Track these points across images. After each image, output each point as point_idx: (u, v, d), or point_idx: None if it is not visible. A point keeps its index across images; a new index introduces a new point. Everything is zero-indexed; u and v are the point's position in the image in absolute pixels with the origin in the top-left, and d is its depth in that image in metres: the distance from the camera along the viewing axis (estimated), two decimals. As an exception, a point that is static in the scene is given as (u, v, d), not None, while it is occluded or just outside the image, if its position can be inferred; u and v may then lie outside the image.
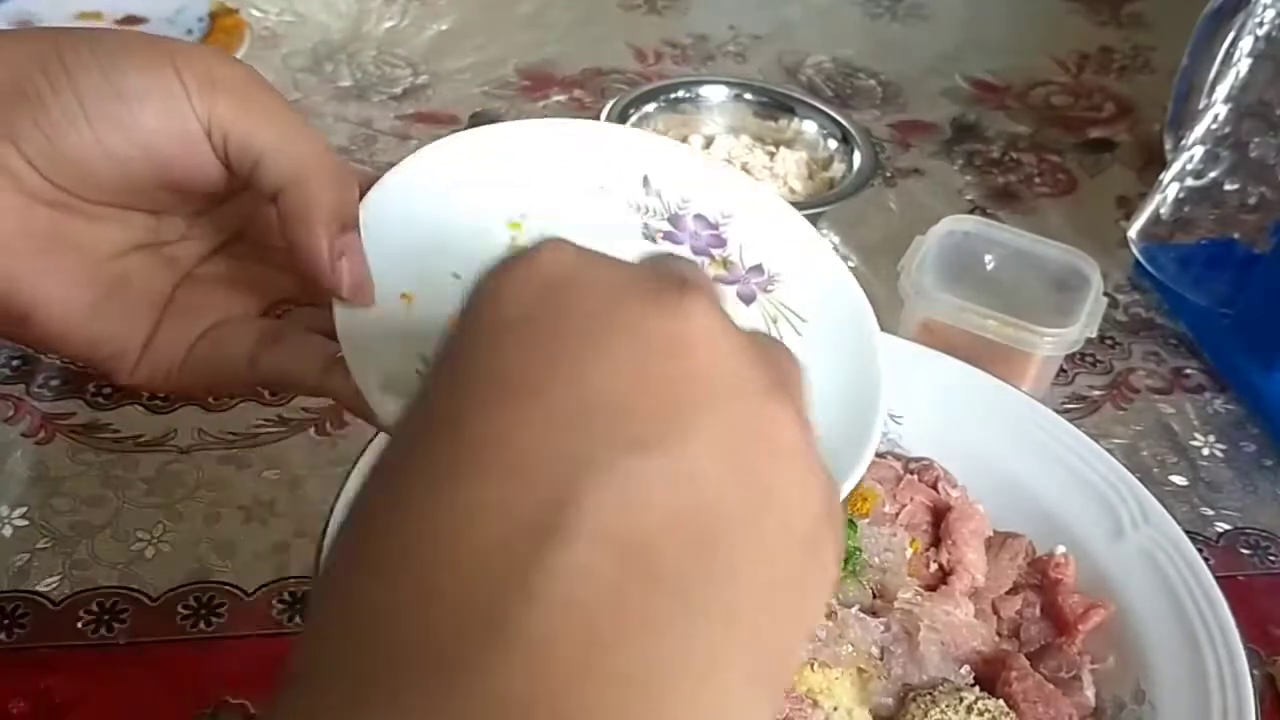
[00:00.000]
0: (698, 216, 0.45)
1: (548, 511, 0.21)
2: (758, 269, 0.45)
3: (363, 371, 0.36)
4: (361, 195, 0.40)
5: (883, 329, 0.64)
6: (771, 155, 0.87)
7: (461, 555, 0.21)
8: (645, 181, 0.45)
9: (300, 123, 0.38)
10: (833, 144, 0.87)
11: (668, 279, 0.25)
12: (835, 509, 0.26)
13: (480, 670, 0.20)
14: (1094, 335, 0.69)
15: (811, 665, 0.45)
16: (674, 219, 0.44)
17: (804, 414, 0.26)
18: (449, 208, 0.41)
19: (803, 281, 0.45)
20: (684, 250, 0.44)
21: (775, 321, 0.44)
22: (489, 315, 0.24)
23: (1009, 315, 0.68)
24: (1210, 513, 0.69)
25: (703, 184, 0.45)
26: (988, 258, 0.74)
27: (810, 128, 0.89)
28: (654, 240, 0.44)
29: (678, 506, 0.22)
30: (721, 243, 0.45)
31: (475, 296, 0.25)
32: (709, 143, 0.88)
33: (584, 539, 0.21)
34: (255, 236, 0.42)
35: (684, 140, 0.87)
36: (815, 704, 0.44)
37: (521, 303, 0.24)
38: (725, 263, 0.45)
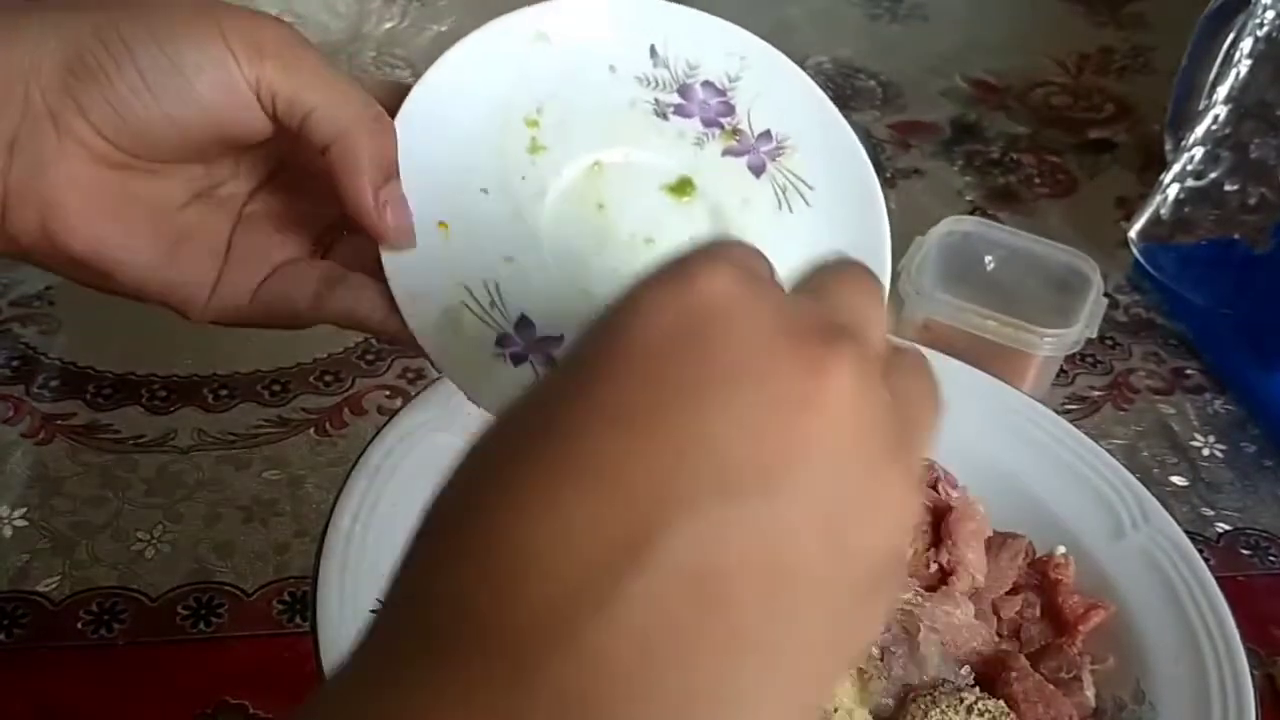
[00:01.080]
0: (705, 84, 0.45)
1: (634, 540, 0.22)
2: (766, 136, 0.45)
3: (413, 312, 0.39)
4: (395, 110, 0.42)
5: (883, 329, 0.64)
6: (771, 155, 0.87)
7: (548, 562, 0.22)
8: (652, 52, 0.45)
9: (344, 79, 0.40)
10: (833, 144, 0.87)
11: (817, 330, 0.25)
12: (904, 552, 0.26)
13: (543, 668, 0.22)
14: (1094, 336, 0.69)
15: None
16: (683, 89, 0.45)
17: (917, 470, 0.26)
18: (472, 114, 0.43)
19: (810, 145, 0.45)
20: (694, 124, 0.45)
21: (784, 191, 0.45)
22: (628, 335, 0.24)
23: (1009, 316, 0.68)
24: (1210, 513, 0.69)
25: (709, 45, 0.46)
26: (988, 258, 0.74)
27: (810, 128, 0.89)
28: (665, 118, 0.44)
29: (756, 554, 0.23)
30: (730, 110, 0.45)
31: (621, 309, 0.25)
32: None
33: (660, 571, 0.22)
34: (298, 167, 0.44)
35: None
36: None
37: (663, 330, 0.24)
38: (734, 132, 0.45)
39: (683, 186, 0.44)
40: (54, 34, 0.37)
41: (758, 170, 0.45)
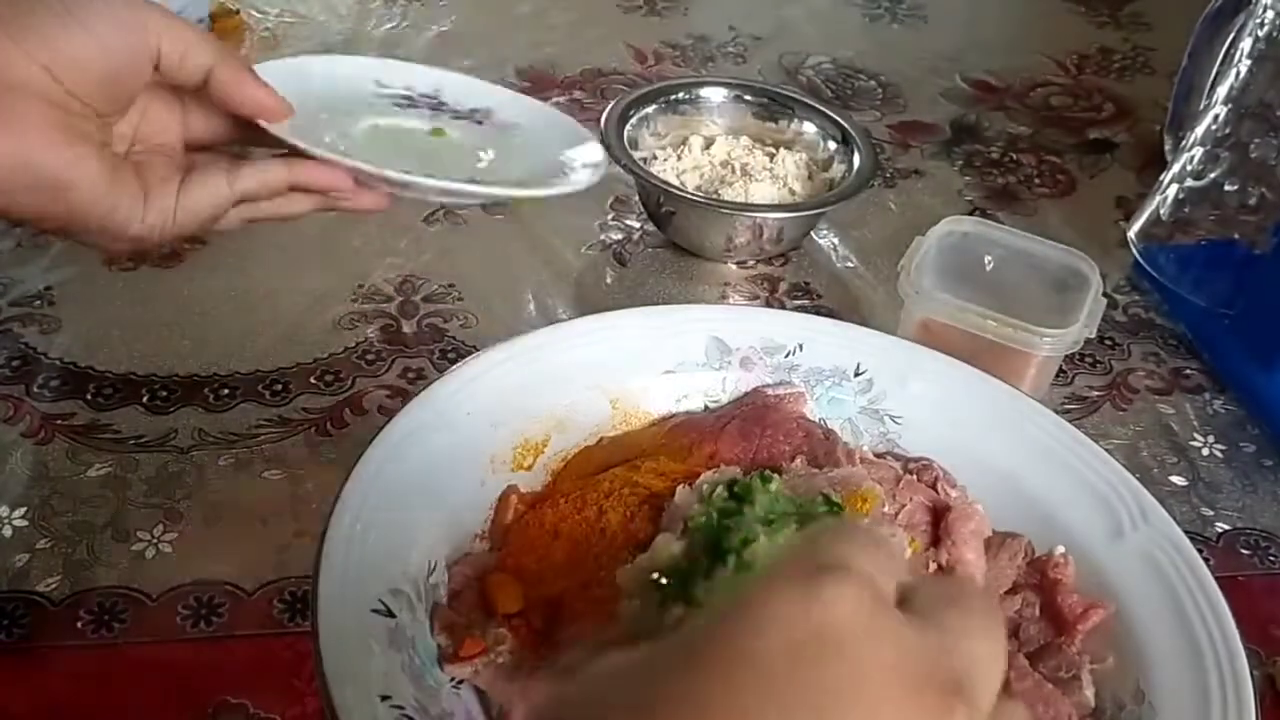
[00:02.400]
0: (423, 95, 0.64)
1: None
2: (474, 110, 0.64)
3: (309, 141, 0.53)
4: None
5: (882, 329, 0.64)
6: (771, 156, 0.87)
7: None
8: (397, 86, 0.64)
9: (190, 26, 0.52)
10: (832, 145, 0.87)
11: (935, 683, 0.25)
12: None
13: None
14: (1093, 336, 0.69)
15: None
16: (410, 99, 0.63)
17: None
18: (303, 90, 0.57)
19: (507, 108, 0.65)
20: (424, 110, 0.63)
21: (503, 129, 0.63)
22: (750, 643, 0.25)
23: (1008, 315, 0.68)
24: (1210, 513, 0.69)
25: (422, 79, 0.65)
26: (987, 258, 0.74)
27: (810, 129, 0.89)
28: (409, 108, 0.63)
29: None
30: (443, 103, 0.64)
31: (747, 612, 0.25)
32: (709, 144, 0.88)
33: None
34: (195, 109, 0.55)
35: (684, 141, 0.88)
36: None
37: (786, 646, 0.24)
38: (453, 111, 0.63)
39: (437, 132, 0.62)
40: None
41: (480, 121, 0.64)
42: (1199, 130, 0.78)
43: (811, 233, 0.86)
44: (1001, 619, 0.30)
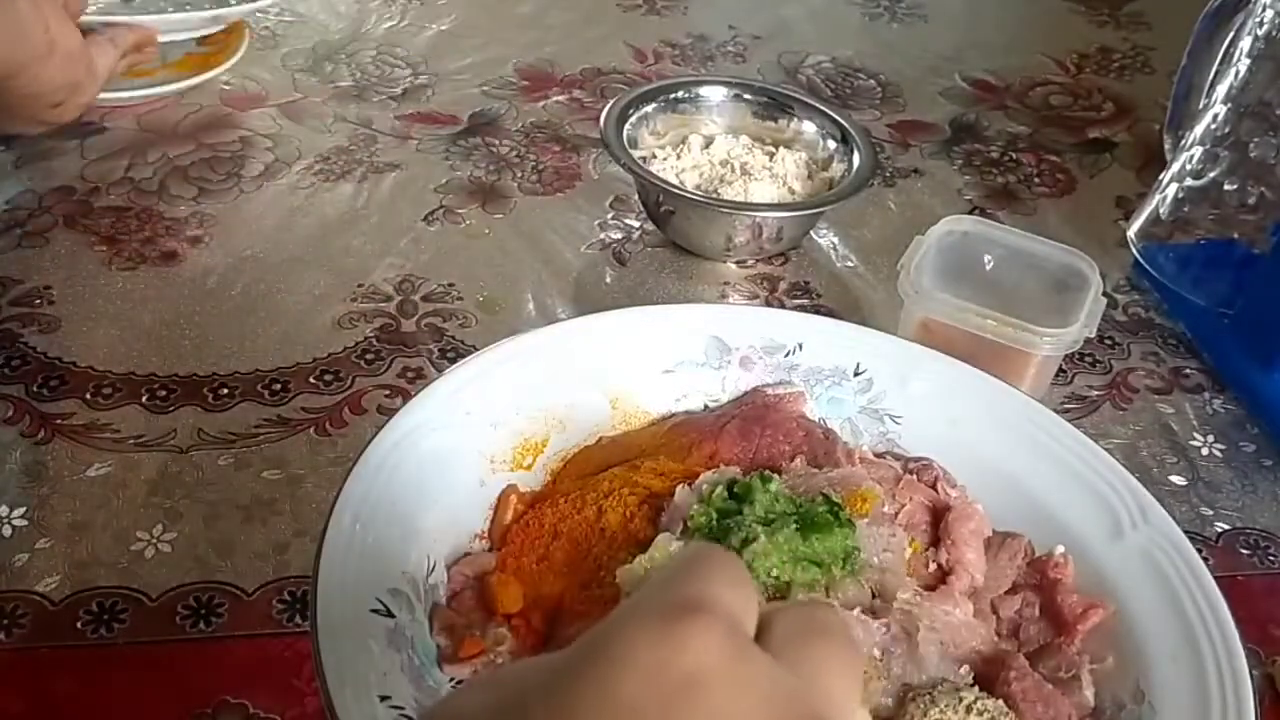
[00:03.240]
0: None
1: None
2: None
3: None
4: None
5: (882, 329, 0.64)
6: (771, 155, 0.87)
7: None
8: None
9: None
10: (832, 144, 0.87)
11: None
12: None
13: None
14: (1093, 335, 0.69)
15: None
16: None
17: None
18: None
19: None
20: None
21: None
22: (609, 691, 0.24)
23: (1008, 315, 0.68)
24: (1209, 513, 0.69)
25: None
26: (987, 258, 0.74)
27: (810, 128, 0.89)
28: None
29: None
30: None
31: (604, 657, 0.25)
32: (708, 143, 0.88)
33: None
34: None
35: (683, 140, 0.88)
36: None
37: (646, 694, 0.24)
38: None
39: None
40: None
41: None
42: (1198, 129, 0.78)
43: (811, 232, 0.86)
44: (857, 646, 0.30)
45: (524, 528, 0.53)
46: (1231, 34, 0.76)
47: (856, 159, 0.84)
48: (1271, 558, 0.67)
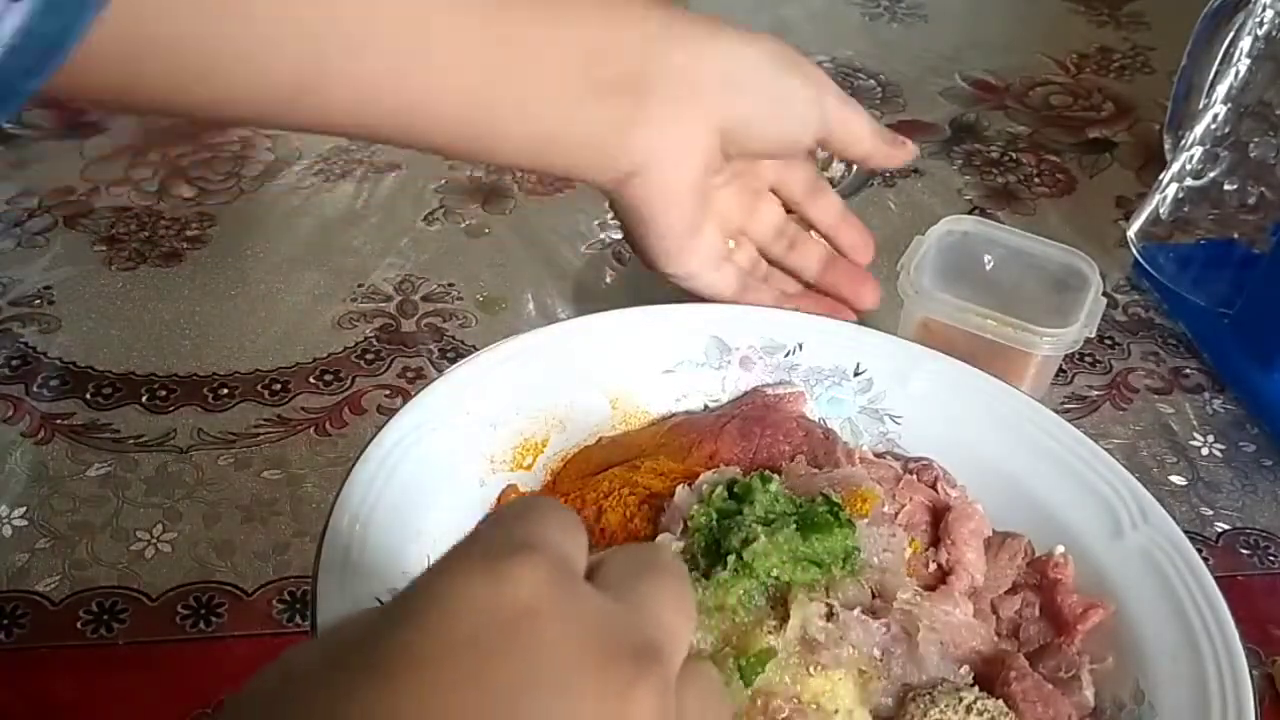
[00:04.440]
0: None
1: None
2: None
3: None
4: None
5: (882, 329, 0.64)
6: (771, 155, 0.87)
7: None
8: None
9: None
10: (832, 144, 0.87)
11: (628, 650, 0.25)
12: None
13: None
14: (1093, 335, 0.69)
15: (809, 669, 0.45)
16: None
17: None
18: None
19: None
20: None
21: None
22: (432, 630, 0.24)
23: (1008, 315, 0.68)
24: (1209, 513, 0.69)
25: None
26: (986, 257, 0.74)
27: (810, 128, 0.89)
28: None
29: None
30: None
31: (426, 596, 0.25)
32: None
33: None
34: None
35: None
36: (818, 707, 0.44)
37: (470, 629, 0.24)
38: None
39: None
40: (730, 50, 0.62)
41: None
42: (1198, 129, 0.78)
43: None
44: (688, 581, 0.30)
45: (524, 528, 0.52)
46: (1231, 34, 0.76)
47: (856, 159, 0.84)
48: (1271, 558, 0.67)
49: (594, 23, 0.56)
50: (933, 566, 0.53)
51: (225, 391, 0.70)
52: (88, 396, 0.68)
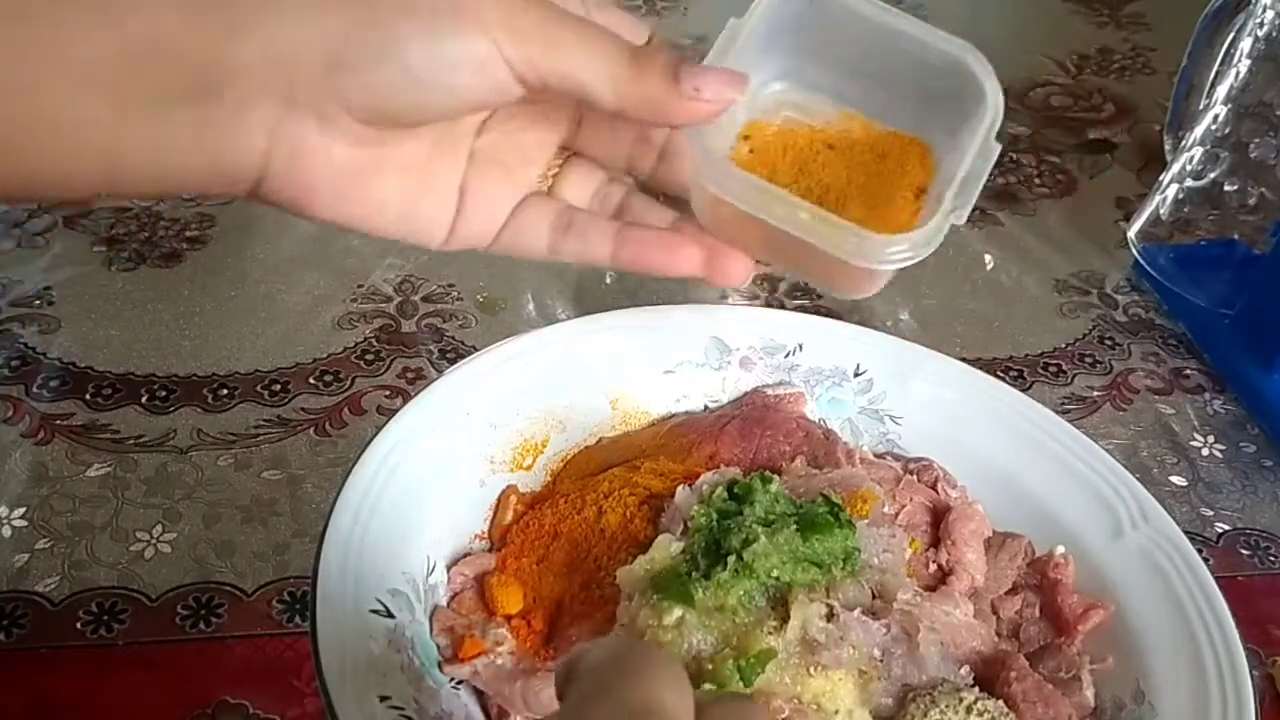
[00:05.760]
0: None
1: None
2: None
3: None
4: None
5: (882, 329, 0.64)
6: (771, 156, 0.86)
7: None
8: None
9: (603, 39, 0.41)
10: (832, 144, 0.86)
11: None
12: None
13: None
14: (962, 223, 0.46)
15: (809, 670, 0.45)
16: None
17: None
18: None
19: None
20: None
21: None
22: None
23: (874, 124, 0.50)
24: (1210, 513, 0.69)
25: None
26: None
27: (810, 128, 0.87)
28: None
29: None
30: None
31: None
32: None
33: None
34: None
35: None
36: (818, 708, 0.44)
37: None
38: None
39: None
40: (313, 27, 0.38)
41: None
42: (1199, 130, 0.78)
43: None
44: None
45: (524, 528, 0.52)
46: (1232, 35, 0.76)
47: (856, 159, 0.83)
48: (1271, 558, 0.67)
49: (144, 15, 0.38)
50: (933, 567, 0.53)
51: (225, 392, 0.70)
52: (87, 397, 0.68)
